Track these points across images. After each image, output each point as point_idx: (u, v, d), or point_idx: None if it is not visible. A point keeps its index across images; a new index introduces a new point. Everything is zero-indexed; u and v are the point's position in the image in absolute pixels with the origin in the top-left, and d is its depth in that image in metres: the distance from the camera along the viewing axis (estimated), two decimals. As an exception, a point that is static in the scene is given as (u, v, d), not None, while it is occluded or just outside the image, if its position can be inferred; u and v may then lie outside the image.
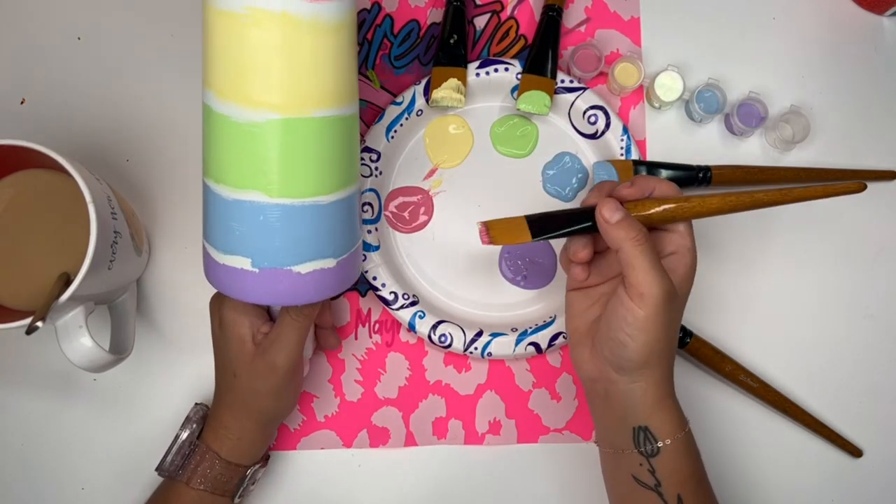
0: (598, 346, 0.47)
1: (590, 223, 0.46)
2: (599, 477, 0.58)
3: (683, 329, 0.56)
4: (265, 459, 0.54)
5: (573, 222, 0.46)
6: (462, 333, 0.56)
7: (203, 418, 0.53)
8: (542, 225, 0.46)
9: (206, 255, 0.47)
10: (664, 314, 0.44)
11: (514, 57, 0.60)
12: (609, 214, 0.44)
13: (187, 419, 0.52)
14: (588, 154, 0.59)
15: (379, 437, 0.58)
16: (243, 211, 0.44)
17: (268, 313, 0.52)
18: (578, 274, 0.48)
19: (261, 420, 0.51)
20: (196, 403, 0.54)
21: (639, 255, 0.43)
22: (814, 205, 0.60)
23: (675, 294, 0.44)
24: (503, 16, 0.61)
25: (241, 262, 0.45)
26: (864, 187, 0.43)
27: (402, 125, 0.58)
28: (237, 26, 0.42)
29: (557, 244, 0.59)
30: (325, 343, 0.56)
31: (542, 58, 0.58)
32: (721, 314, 0.59)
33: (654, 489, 0.46)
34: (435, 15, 0.61)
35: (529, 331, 0.57)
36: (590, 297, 0.49)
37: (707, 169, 0.58)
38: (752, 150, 0.61)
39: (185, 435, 0.51)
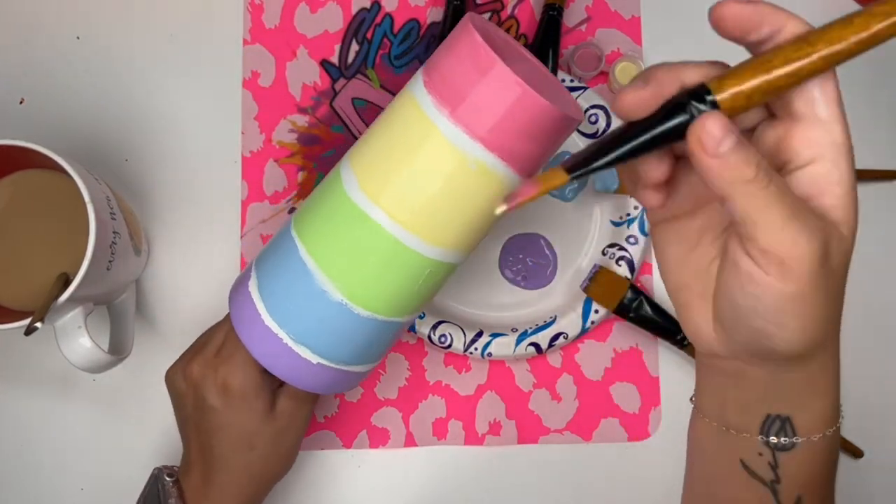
0: (723, 322, 0.32)
1: (647, 138, 0.28)
2: (600, 477, 0.58)
3: (684, 329, 0.56)
4: None
5: (631, 140, 0.28)
6: (462, 334, 0.56)
7: (181, 496, 0.47)
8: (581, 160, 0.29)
9: (267, 329, 0.44)
10: (822, 283, 0.28)
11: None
12: (713, 141, 0.26)
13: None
14: (588, 154, 0.59)
15: (379, 438, 0.58)
16: (336, 311, 0.43)
17: None
18: (651, 200, 0.31)
19: (268, 486, 0.49)
20: (160, 472, 0.49)
21: (766, 205, 0.27)
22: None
23: (834, 246, 0.28)
24: (503, 15, 0.61)
25: (306, 353, 0.44)
26: None
27: (401, 125, 0.58)
28: (453, 164, 0.40)
29: (562, 245, 0.59)
30: None
31: (542, 57, 0.58)
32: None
33: (767, 485, 0.34)
34: (435, 14, 0.61)
35: (529, 331, 0.56)
36: (682, 236, 0.33)
37: (708, 169, 0.58)
38: (753, 150, 0.60)
39: None
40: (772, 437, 0.34)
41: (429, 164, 0.40)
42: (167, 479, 0.48)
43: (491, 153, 0.39)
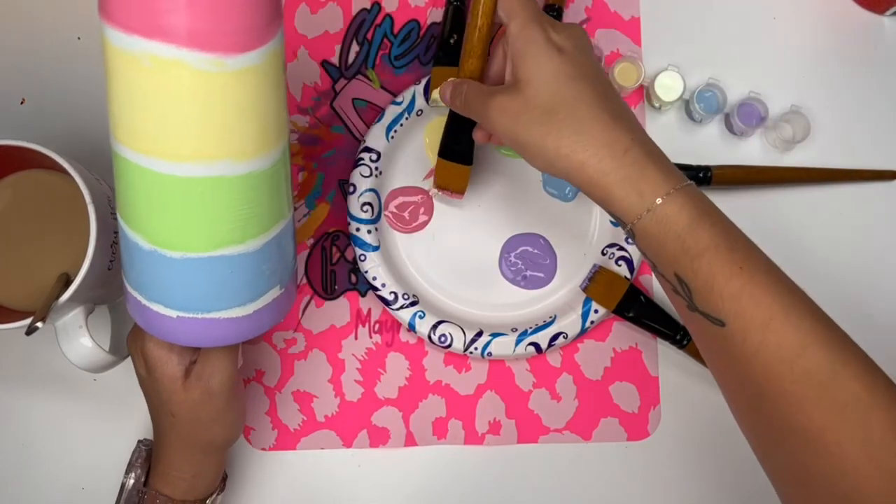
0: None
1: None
2: (600, 477, 0.58)
3: (683, 330, 0.56)
4: (223, 482, 0.52)
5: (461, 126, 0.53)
6: (462, 333, 0.56)
7: (147, 458, 0.50)
8: (454, 152, 0.54)
9: (128, 293, 0.45)
10: (519, 132, 0.42)
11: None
12: (442, 98, 0.48)
13: (130, 464, 0.50)
14: (588, 154, 0.59)
15: (379, 437, 0.58)
16: (155, 260, 0.42)
17: None
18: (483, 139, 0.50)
19: (212, 450, 0.49)
20: (139, 441, 0.52)
21: (468, 108, 0.46)
22: (813, 205, 0.60)
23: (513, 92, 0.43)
24: (503, 15, 0.61)
25: (162, 309, 0.43)
26: None
27: (402, 125, 0.58)
28: (134, 69, 0.38)
29: (562, 245, 0.59)
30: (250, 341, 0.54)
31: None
32: (721, 314, 0.59)
33: (657, 270, 0.42)
34: (435, 15, 0.61)
35: (529, 331, 0.57)
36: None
37: (707, 169, 0.58)
38: (753, 150, 0.61)
39: (130, 482, 0.49)
40: (625, 232, 0.42)
41: (118, 80, 0.39)
42: (143, 446, 0.51)
43: (158, 42, 0.37)
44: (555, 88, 0.42)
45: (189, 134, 0.39)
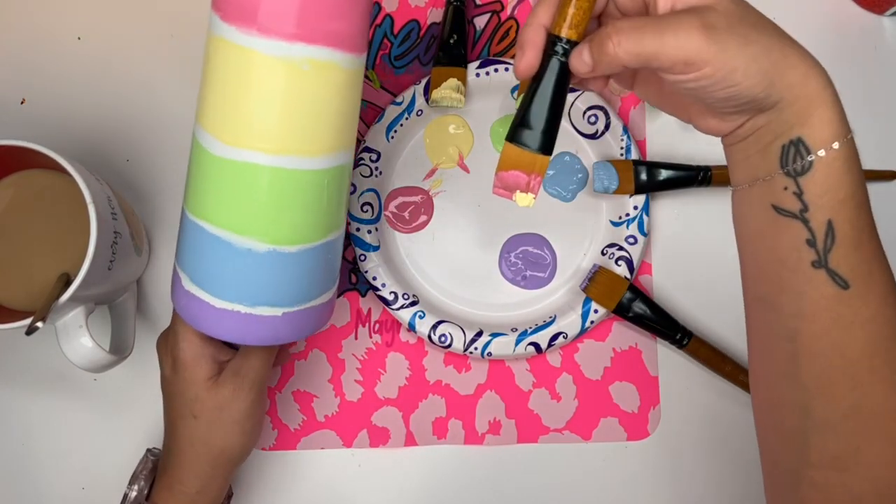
0: (718, 109, 0.38)
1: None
2: (600, 477, 0.58)
3: (683, 330, 0.56)
4: (227, 500, 0.52)
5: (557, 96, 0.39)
6: (462, 333, 0.56)
7: (153, 470, 0.50)
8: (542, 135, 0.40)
9: (189, 293, 0.46)
10: (724, 43, 0.34)
11: (514, 57, 0.60)
12: (586, 66, 0.36)
13: (134, 476, 0.49)
14: (588, 154, 0.59)
15: (379, 437, 0.58)
16: (232, 253, 0.43)
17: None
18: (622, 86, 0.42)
19: (223, 462, 0.48)
20: (147, 450, 0.52)
21: (638, 43, 0.35)
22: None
23: (712, 15, 0.35)
24: (503, 16, 0.61)
25: (233, 306, 0.44)
26: None
27: (402, 125, 0.58)
28: (238, 61, 0.41)
29: (562, 245, 0.59)
30: (279, 360, 0.53)
31: (542, 58, 0.58)
32: (721, 314, 0.59)
33: (797, 216, 0.36)
34: (435, 15, 0.61)
35: (529, 331, 0.57)
36: (664, 94, 0.41)
37: (707, 169, 0.58)
38: (752, 150, 0.61)
39: (133, 494, 0.49)
40: (791, 165, 0.36)
41: (267, 87, 0.41)
42: (150, 456, 0.51)
43: (316, 46, 0.40)
44: (743, 8, 0.36)
45: (295, 128, 0.42)
